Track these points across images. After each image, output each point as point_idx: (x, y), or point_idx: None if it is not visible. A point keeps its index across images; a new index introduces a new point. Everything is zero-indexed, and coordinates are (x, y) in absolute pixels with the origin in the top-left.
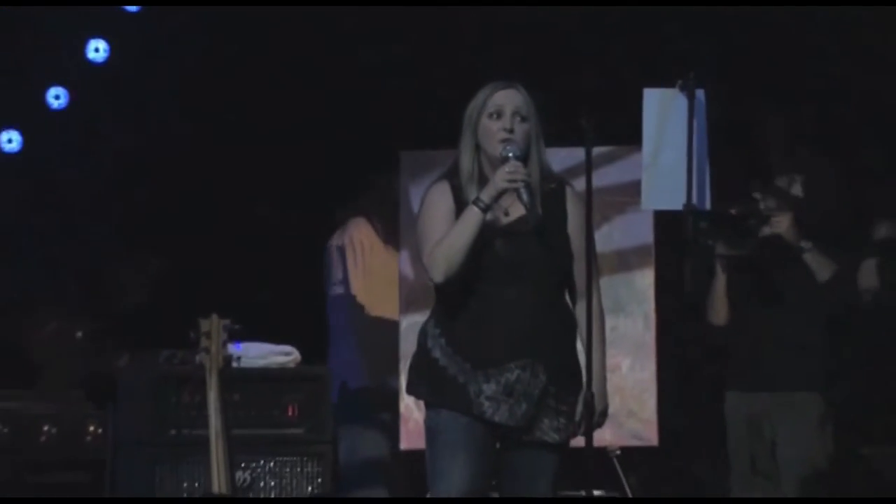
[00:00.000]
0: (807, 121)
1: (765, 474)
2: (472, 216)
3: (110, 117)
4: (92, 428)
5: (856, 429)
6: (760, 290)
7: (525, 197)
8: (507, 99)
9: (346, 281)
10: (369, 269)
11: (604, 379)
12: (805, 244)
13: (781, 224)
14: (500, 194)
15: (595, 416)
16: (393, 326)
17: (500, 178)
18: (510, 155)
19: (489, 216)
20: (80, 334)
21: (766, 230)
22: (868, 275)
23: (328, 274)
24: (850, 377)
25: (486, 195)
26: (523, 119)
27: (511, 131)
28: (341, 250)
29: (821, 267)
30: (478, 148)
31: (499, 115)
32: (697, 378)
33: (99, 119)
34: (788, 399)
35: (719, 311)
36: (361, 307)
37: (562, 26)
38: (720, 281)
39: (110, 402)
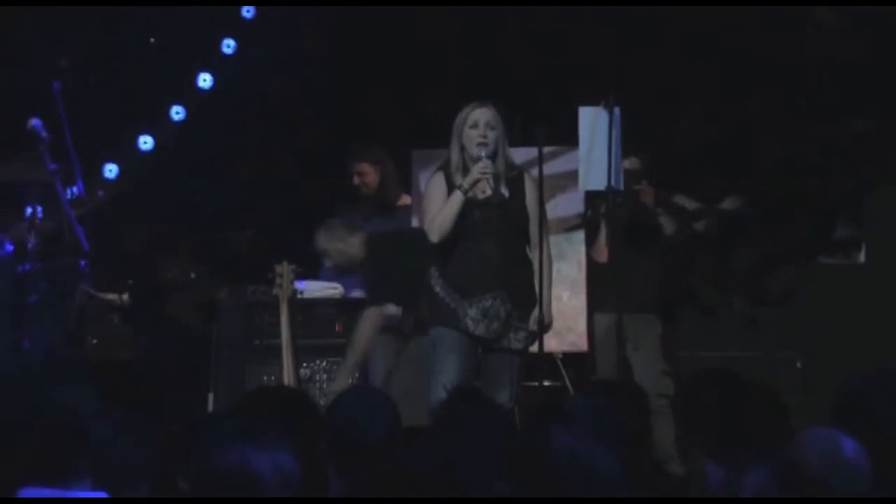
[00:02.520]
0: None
1: (627, 368)
2: (457, 198)
3: (215, 126)
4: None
5: (691, 338)
6: (627, 240)
7: (492, 183)
8: (482, 115)
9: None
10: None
11: (550, 304)
12: (659, 210)
13: (647, 195)
14: (476, 182)
15: (545, 329)
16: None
17: (475, 172)
18: (482, 155)
19: (469, 195)
20: (193, 275)
21: (634, 202)
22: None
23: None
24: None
25: (466, 183)
26: (493, 128)
27: (485, 137)
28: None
29: (668, 225)
30: (462, 149)
31: (476, 126)
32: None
33: (207, 127)
34: (642, 318)
35: (600, 254)
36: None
37: (523, 59)
38: (602, 233)
39: (214, 321)
